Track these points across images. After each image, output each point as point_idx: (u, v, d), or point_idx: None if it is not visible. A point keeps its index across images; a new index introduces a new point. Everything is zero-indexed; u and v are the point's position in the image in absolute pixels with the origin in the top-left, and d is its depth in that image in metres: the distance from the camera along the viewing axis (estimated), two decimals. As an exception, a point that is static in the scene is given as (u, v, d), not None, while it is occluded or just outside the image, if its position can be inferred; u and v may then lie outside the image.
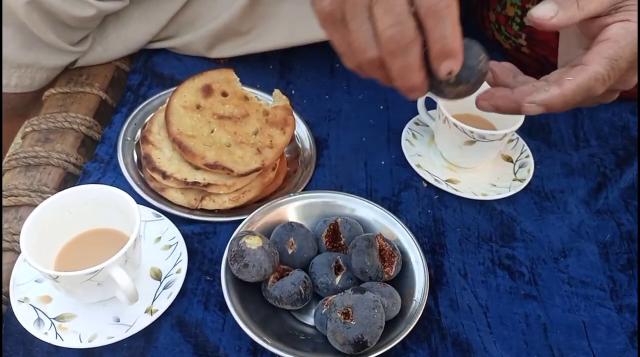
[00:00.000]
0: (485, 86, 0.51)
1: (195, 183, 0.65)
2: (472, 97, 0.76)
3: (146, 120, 0.73)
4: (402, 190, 0.73)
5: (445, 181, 0.73)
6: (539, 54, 0.84)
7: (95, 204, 0.58)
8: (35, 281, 0.58)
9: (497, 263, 0.66)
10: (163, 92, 0.77)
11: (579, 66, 0.48)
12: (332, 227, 0.63)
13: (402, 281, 0.60)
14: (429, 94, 0.49)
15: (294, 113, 0.74)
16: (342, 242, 0.63)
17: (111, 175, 0.70)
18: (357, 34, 0.46)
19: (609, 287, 0.64)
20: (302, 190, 0.71)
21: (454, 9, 0.43)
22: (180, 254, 0.62)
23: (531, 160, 0.75)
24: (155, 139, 0.68)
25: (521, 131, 0.74)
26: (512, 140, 0.78)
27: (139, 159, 0.70)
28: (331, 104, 0.84)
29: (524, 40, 0.84)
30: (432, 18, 0.43)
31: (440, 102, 0.71)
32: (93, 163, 0.71)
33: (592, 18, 0.49)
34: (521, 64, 0.63)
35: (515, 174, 0.74)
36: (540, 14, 0.49)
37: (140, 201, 0.66)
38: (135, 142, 0.72)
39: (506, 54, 0.88)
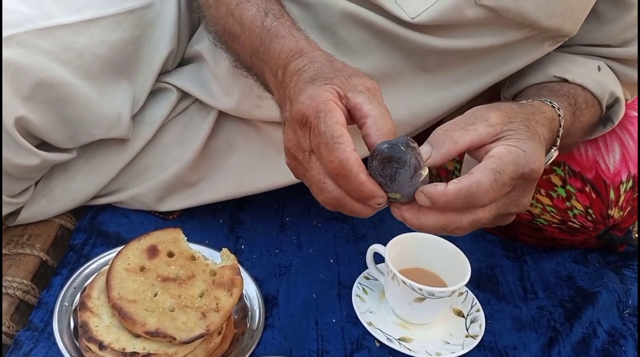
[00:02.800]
0: None
1: (134, 354, 0.61)
2: (418, 254, 0.77)
3: (86, 284, 0.71)
4: (355, 350, 0.70)
5: (398, 339, 0.71)
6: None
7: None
8: None
9: None
10: (107, 253, 0.75)
11: (468, 174, 0.52)
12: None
13: None
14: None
15: (243, 271, 0.73)
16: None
17: (44, 346, 0.65)
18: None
19: None
20: (249, 356, 0.67)
21: (348, 163, 0.50)
22: None
23: (482, 314, 0.75)
24: (94, 304, 0.65)
25: (470, 284, 0.74)
26: (462, 293, 0.78)
27: (75, 326, 0.67)
28: (281, 259, 0.83)
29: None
30: (337, 178, 0.51)
31: (387, 258, 0.71)
32: (26, 331, 0.67)
33: (478, 148, 0.55)
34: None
35: (467, 329, 0.73)
36: None
37: (73, 375, 0.61)
38: (73, 308, 0.69)
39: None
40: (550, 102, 0.65)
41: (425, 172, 0.53)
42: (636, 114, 0.83)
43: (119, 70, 0.77)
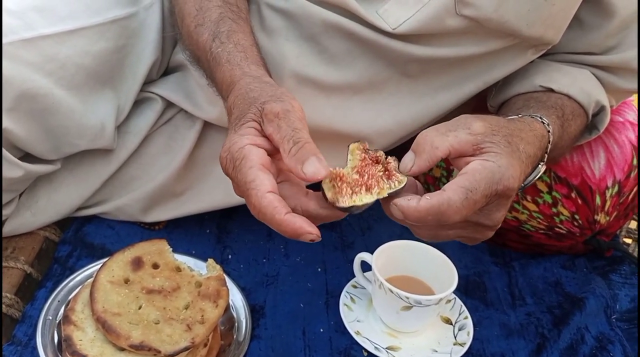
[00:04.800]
0: None
1: (118, 368, 0.61)
2: (406, 262, 0.76)
3: (70, 297, 0.70)
4: (342, 360, 0.70)
5: (386, 348, 0.71)
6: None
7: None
8: None
9: None
10: (92, 265, 0.74)
11: (440, 190, 0.53)
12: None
13: None
14: None
15: (229, 281, 0.73)
16: None
17: (27, 360, 0.65)
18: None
19: None
20: (236, 367, 0.67)
21: (262, 208, 0.50)
22: None
23: (470, 321, 0.75)
24: (78, 318, 0.65)
25: (458, 291, 0.74)
26: (450, 300, 0.78)
27: (59, 340, 0.66)
28: (268, 268, 0.82)
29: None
30: (264, 221, 0.52)
31: (374, 267, 0.71)
32: (10, 346, 0.66)
33: (459, 157, 0.55)
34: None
35: (455, 337, 0.73)
36: (402, 166, 0.56)
37: (56, 390, 0.60)
38: (57, 322, 0.68)
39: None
40: (540, 118, 0.65)
41: (404, 181, 0.54)
42: (621, 119, 0.83)
43: (103, 80, 0.77)
